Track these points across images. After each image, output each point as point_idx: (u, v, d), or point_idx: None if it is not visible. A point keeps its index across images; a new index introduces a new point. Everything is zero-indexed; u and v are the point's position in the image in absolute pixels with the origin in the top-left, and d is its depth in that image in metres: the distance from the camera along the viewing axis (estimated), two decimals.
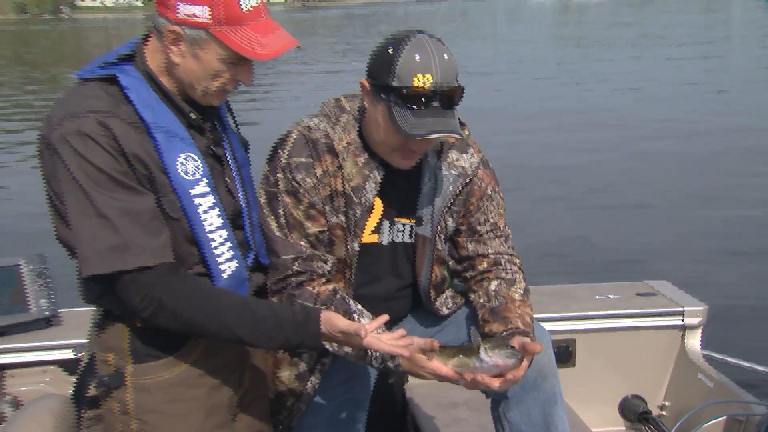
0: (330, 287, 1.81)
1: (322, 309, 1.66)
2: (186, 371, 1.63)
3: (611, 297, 2.82)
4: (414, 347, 1.66)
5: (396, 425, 2.74)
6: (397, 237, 1.91)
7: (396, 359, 1.72)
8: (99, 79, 1.52)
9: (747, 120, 11.67)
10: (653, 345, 2.74)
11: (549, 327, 2.01)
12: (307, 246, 1.79)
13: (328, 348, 1.74)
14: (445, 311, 2.01)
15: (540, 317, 2.01)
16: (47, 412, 1.63)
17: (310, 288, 1.78)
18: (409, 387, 2.74)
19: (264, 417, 1.88)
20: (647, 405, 2.72)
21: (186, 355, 1.63)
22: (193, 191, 1.56)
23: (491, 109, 12.25)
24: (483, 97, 13.55)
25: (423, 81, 1.65)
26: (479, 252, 1.93)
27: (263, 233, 1.80)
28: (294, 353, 1.90)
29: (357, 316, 1.79)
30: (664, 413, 2.76)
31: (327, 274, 1.82)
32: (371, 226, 1.86)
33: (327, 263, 1.82)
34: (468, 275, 1.97)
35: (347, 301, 1.81)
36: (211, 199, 1.59)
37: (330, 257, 1.83)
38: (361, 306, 1.81)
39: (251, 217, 1.74)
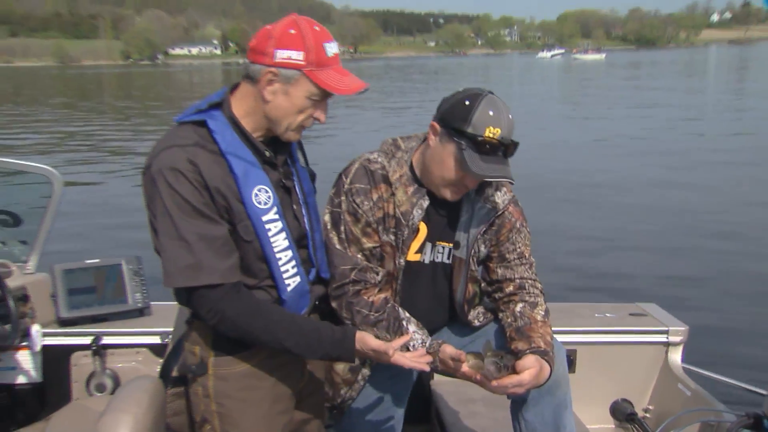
0: (383, 296, 1.79)
1: (357, 329, 1.64)
2: (257, 365, 1.62)
3: (608, 315, 2.79)
4: (446, 354, 1.69)
5: (422, 414, 2.72)
6: (438, 257, 1.89)
7: (435, 361, 1.72)
8: (193, 123, 1.53)
9: (726, 155, 11.52)
10: (641, 357, 2.71)
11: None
12: (363, 259, 1.78)
13: None
14: (477, 323, 1.98)
15: None
16: (143, 391, 1.63)
17: (365, 297, 1.77)
18: (435, 383, 2.71)
19: (321, 404, 1.87)
20: (634, 408, 2.68)
21: (257, 352, 1.62)
22: (265, 218, 1.55)
23: None
24: None
25: (494, 133, 1.66)
26: (507, 276, 1.91)
27: (326, 247, 1.79)
28: None
29: (405, 322, 1.77)
30: (648, 415, 2.72)
31: (378, 284, 1.80)
32: (416, 246, 1.85)
33: (378, 274, 1.81)
34: (497, 296, 1.94)
35: (397, 309, 1.79)
36: (280, 224, 1.58)
37: (381, 269, 1.81)
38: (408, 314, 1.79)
39: (314, 239, 1.73)
